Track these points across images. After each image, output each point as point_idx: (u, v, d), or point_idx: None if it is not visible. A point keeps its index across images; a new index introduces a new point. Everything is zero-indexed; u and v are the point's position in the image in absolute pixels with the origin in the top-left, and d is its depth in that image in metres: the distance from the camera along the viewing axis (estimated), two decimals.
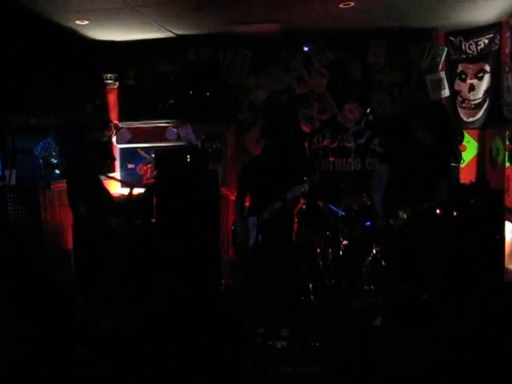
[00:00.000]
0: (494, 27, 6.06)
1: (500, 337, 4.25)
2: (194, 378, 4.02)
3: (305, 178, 4.78)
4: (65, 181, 5.52)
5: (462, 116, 6.54)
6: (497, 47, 6.05)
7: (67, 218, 5.89)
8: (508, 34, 5.75)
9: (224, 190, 6.63)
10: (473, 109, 6.41)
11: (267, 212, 4.86)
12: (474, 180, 6.10)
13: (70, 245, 5.86)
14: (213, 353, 4.35)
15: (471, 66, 6.37)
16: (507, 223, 5.25)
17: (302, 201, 5.93)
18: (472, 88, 6.37)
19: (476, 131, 6.56)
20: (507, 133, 5.49)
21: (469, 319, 4.62)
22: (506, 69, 5.79)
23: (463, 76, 6.46)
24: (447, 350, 4.28)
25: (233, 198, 6.66)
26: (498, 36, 6.02)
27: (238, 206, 5.20)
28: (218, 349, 4.40)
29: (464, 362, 4.10)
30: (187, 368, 4.15)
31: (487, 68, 6.19)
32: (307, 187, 4.80)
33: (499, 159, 5.97)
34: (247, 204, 5.27)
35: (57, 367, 4.16)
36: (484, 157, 6.48)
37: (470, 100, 6.42)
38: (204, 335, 4.62)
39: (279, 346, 4.75)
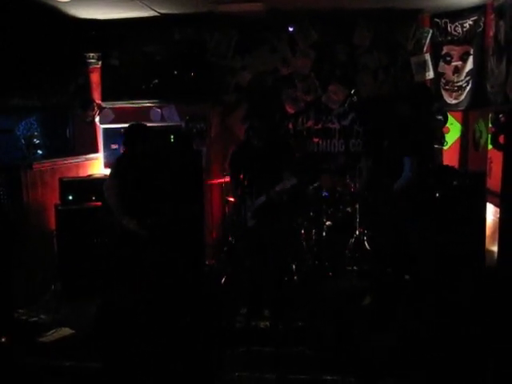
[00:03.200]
0: (479, 9, 6.04)
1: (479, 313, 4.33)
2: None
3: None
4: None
5: (445, 98, 6.55)
6: (481, 29, 6.03)
7: (49, 199, 5.86)
8: (493, 16, 5.73)
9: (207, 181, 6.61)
10: (456, 91, 6.42)
11: (253, 206, 4.76)
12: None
13: (52, 225, 5.83)
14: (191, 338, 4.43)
15: (456, 48, 6.37)
16: (489, 205, 5.30)
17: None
18: (456, 70, 6.37)
19: (459, 113, 6.57)
20: (490, 115, 5.50)
21: (451, 300, 4.69)
22: (490, 51, 5.79)
23: (448, 58, 6.46)
24: (431, 330, 4.34)
25: (215, 182, 6.67)
26: (483, 18, 6.00)
27: (235, 192, 5.14)
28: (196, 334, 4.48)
29: (446, 342, 4.17)
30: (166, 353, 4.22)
31: (471, 50, 6.18)
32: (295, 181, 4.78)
33: (482, 142, 5.99)
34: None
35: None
36: (467, 139, 6.51)
37: (454, 82, 6.43)
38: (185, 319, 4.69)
39: (262, 326, 4.79)
